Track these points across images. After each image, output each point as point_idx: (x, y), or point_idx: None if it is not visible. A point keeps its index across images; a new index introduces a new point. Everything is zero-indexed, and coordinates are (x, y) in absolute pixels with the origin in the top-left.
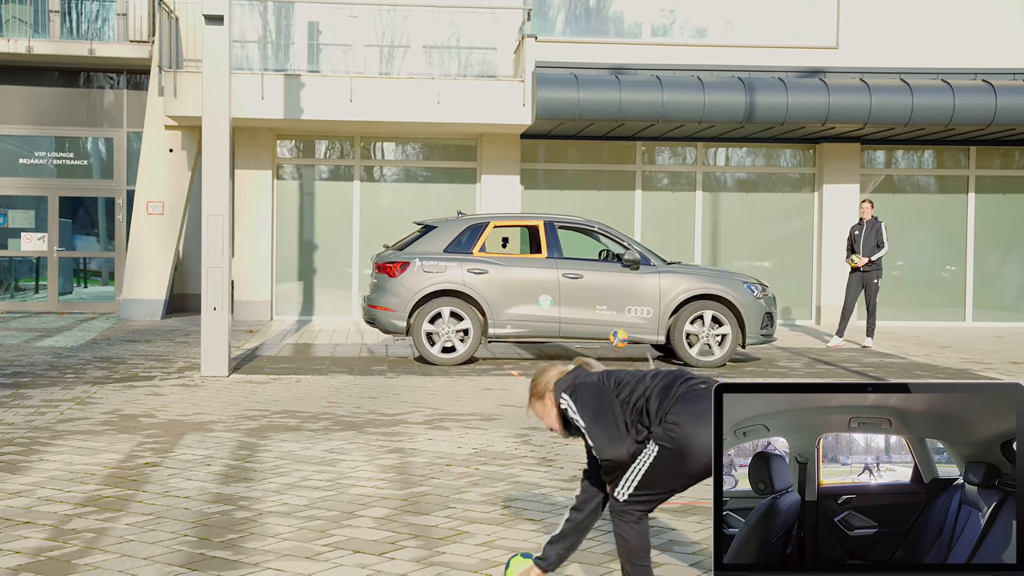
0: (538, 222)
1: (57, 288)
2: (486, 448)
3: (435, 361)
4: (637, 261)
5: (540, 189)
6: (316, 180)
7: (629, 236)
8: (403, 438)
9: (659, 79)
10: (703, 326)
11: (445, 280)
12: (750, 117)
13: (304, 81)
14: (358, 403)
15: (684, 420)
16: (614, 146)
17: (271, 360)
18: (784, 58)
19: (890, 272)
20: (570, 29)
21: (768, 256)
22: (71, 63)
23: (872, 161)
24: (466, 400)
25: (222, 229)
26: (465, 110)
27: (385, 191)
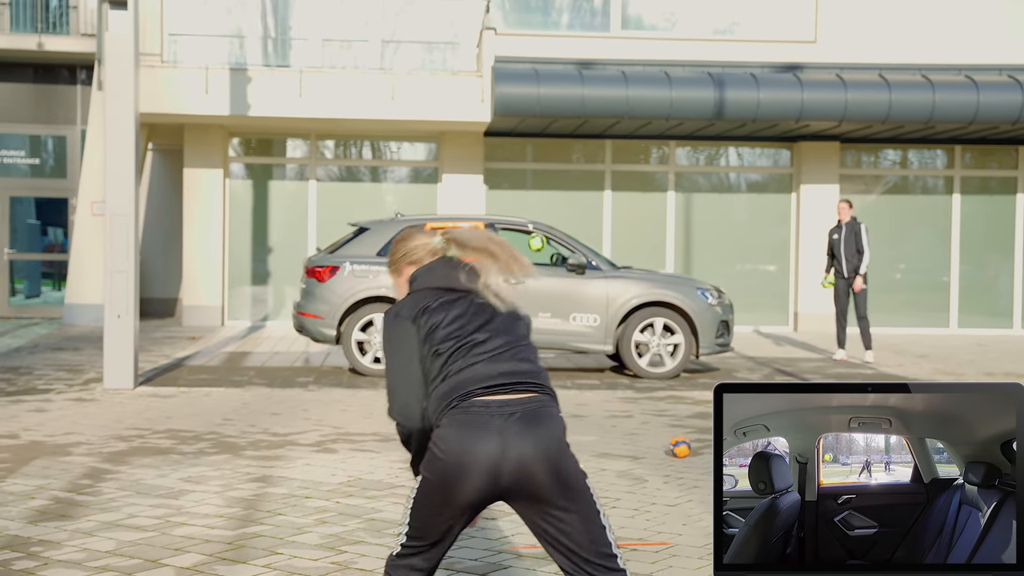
0: (478, 223)
1: (7, 291)
2: (363, 476)
3: (366, 372)
4: (583, 265)
5: (505, 189)
6: (270, 179)
7: (576, 239)
8: (278, 463)
9: (624, 74)
10: (654, 335)
11: (377, 286)
12: (720, 114)
13: (251, 75)
14: (255, 420)
15: (452, 434)
16: (582, 145)
17: (193, 371)
18: (760, 53)
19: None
20: (536, 22)
21: (744, 260)
22: (20, 58)
23: (853, 161)
24: (376, 417)
25: (127, 230)
26: (421, 106)
27: (343, 191)
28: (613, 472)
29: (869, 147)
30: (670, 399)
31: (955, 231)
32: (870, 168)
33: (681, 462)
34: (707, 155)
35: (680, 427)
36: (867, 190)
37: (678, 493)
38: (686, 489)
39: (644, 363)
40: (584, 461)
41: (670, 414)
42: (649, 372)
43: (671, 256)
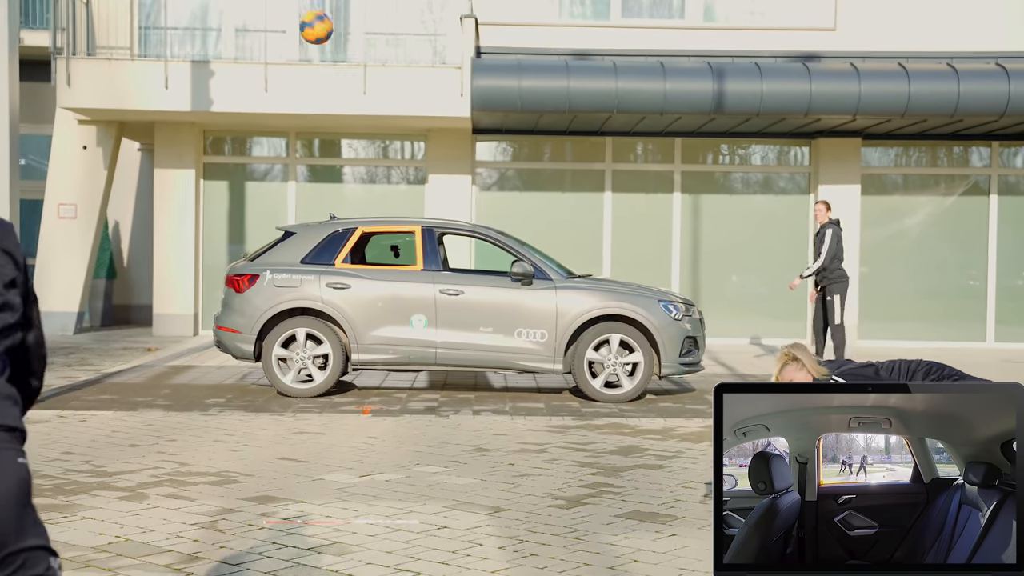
0: (414, 227)
1: None
2: (133, 536)
3: (289, 392)
4: (530, 274)
5: (496, 191)
6: (248, 180)
7: (528, 244)
8: (61, 516)
9: (614, 64)
10: (609, 352)
11: (299, 296)
12: (719, 107)
13: (214, 69)
14: (98, 455)
15: None
16: (580, 143)
17: (105, 388)
18: (775, 41)
19: (898, 284)
20: (530, 12)
21: (757, 265)
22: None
23: (875, 159)
24: (247, 450)
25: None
26: (395, 101)
27: (325, 192)
28: (458, 528)
29: (893, 143)
30: (608, 428)
31: (992, 234)
32: (895, 167)
33: None
34: (716, 153)
35: (589, 466)
36: (892, 190)
37: (503, 563)
38: (517, 561)
39: (598, 384)
40: (429, 513)
41: (591, 448)
42: (604, 395)
43: (677, 261)
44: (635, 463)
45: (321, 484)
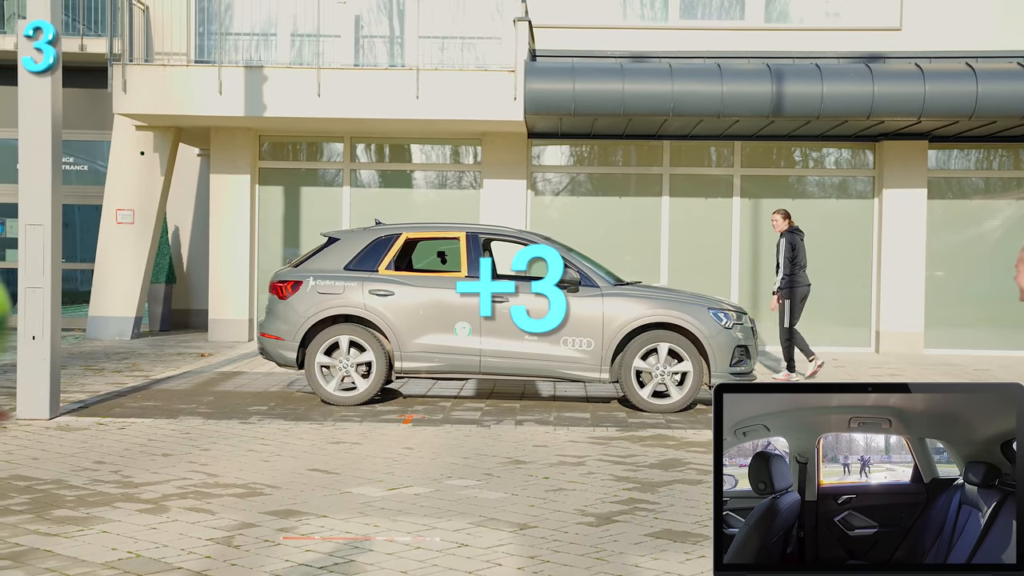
0: (459, 233)
1: None
2: (145, 552)
3: (331, 400)
4: (576, 281)
5: (551, 195)
6: (303, 185)
7: (573, 250)
8: (68, 529)
9: (670, 67)
10: (658, 361)
11: (342, 303)
12: (778, 110)
13: (267, 74)
14: (128, 464)
15: None
16: (636, 146)
17: (150, 395)
18: (838, 42)
19: (967, 292)
20: (588, 14)
21: (819, 272)
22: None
23: (943, 162)
24: (279, 460)
25: (43, 242)
26: (448, 105)
27: (380, 197)
28: (479, 546)
29: (962, 145)
30: (651, 440)
31: None
32: (963, 169)
33: None
34: (777, 156)
35: (626, 480)
36: (960, 194)
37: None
38: None
39: (646, 394)
40: (452, 529)
41: (631, 461)
42: (652, 404)
43: (736, 267)
44: (674, 478)
45: (347, 498)
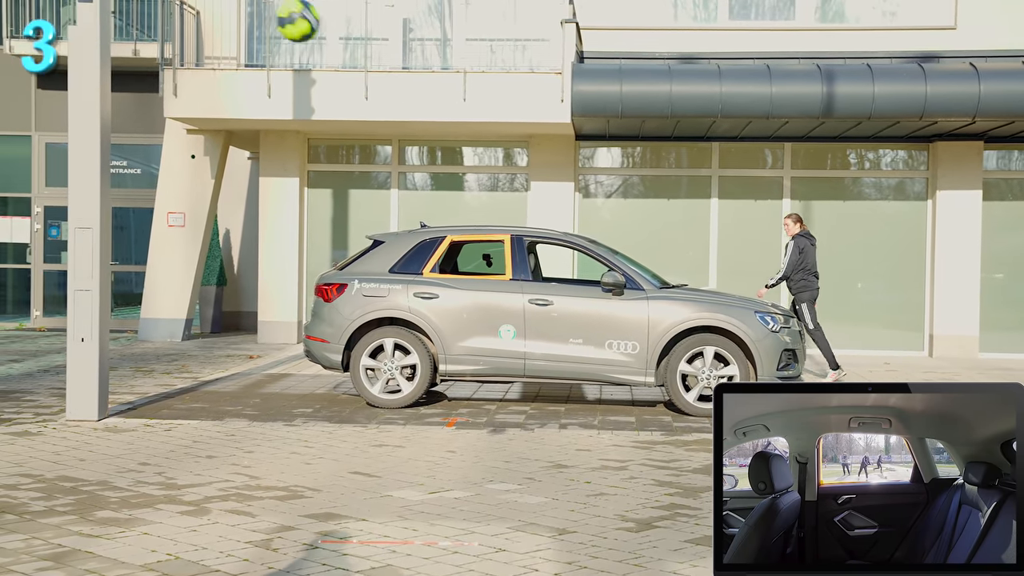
0: (503, 236)
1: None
2: (183, 554)
3: (376, 403)
4: (621, 284)
5: (599, 197)
6: (351, 188)
7: (619, 253)
8: (109, 530)
9: (718, 68)
10: (704, 365)
11: (387, 306)
12: (829, 111)
13: (315, 77)
14: (172, 466)
15: None
16: (685, 148)
17: (198, 397)
18: (890, 41)
19: (1019, 292)
20: (636, 16)
21: (870, 275)
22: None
23: (999, 163)
24: (321, 463)
25: (92, 245)
26: (495, 107)
27: (426, 199)
28: (517, 551)
29: (1019, 146)
30: (696, 444)
31: None
32: (1021, 171)
33: None
34: (827, 157)
35: (668, 485)
36: (1018, 196)
37: None
38: None
39: (692, 398)
40: (491, 534)
41: (675, 466)
42: (698, 409)
43: None
44: None
45: (387, 501)
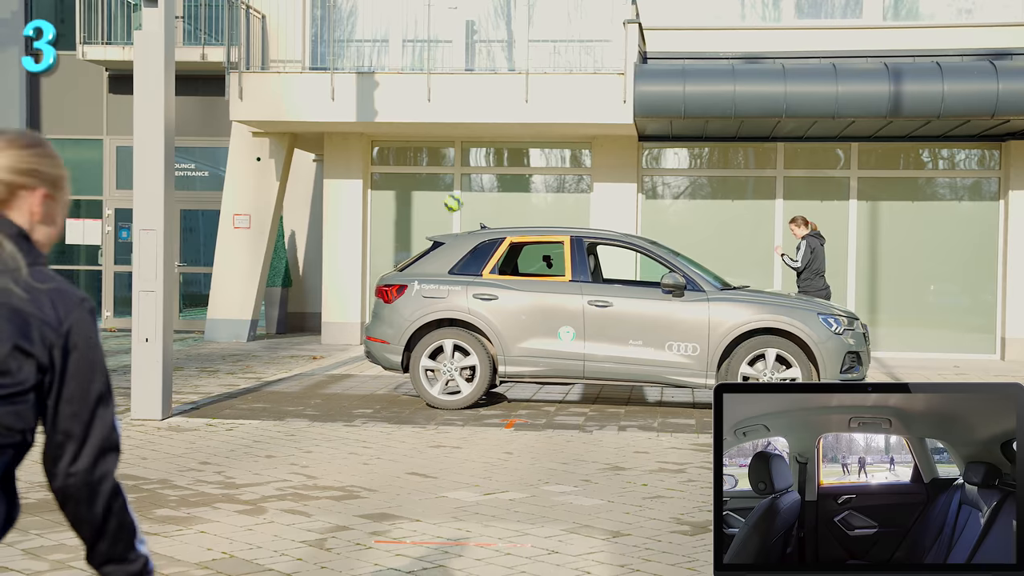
0: (563, 237)
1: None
2: (239, 553)
3: (436, 404)
4: (681, 286)
5: (662, 199)
6: (414, 190)
7: (680, 254)
8: (168, 528)
9: (783, 67)
10: (765, 367)
11: (447, 307)
12: (896, 110)
13: (378, 80)
14: (232, 465)
15: None
16: (750, 148)
17: (260, 397)
18: (961, 39)
19: None
20: (701, 16)
21: (940, 277)
22: (188, 70)
23: None
24: (379, 463)
25: (156, 247)
26: (557, 108)
27: (488, 201)
28: (570, 553)
29: None
30: None
31: None
32: None
33: None
34: (896, 157)
35: None
36: None
37: None
38: None
39: None
40: (544, 536)
41: None
42: None
43: (852, 272)
44: None
45: (443, 502)
